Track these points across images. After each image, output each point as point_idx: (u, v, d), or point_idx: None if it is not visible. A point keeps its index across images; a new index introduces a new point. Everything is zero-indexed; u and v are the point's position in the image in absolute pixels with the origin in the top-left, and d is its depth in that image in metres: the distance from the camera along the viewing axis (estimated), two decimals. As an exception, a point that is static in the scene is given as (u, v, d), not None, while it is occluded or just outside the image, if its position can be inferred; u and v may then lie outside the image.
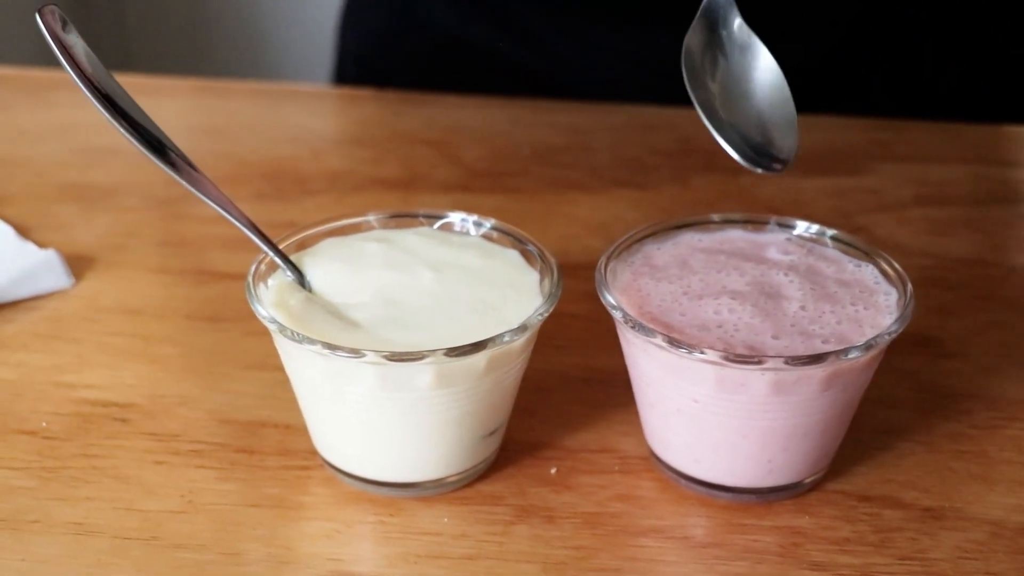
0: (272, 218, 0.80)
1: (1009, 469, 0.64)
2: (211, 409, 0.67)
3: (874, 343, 0.57)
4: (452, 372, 0.58)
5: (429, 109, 0.95)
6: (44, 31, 0.58)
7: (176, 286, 0.76)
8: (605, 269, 0.62)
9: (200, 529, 0.60)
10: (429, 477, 0.61)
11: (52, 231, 0.81)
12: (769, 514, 0.61)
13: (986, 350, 0.71)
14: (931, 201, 0.85)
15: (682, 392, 0.59)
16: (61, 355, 0.70)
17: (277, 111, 0.97)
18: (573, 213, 0.84)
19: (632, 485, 0.62)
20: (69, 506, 0.61)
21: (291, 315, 0.60)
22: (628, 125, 0.94)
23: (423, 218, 0.67)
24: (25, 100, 0.96)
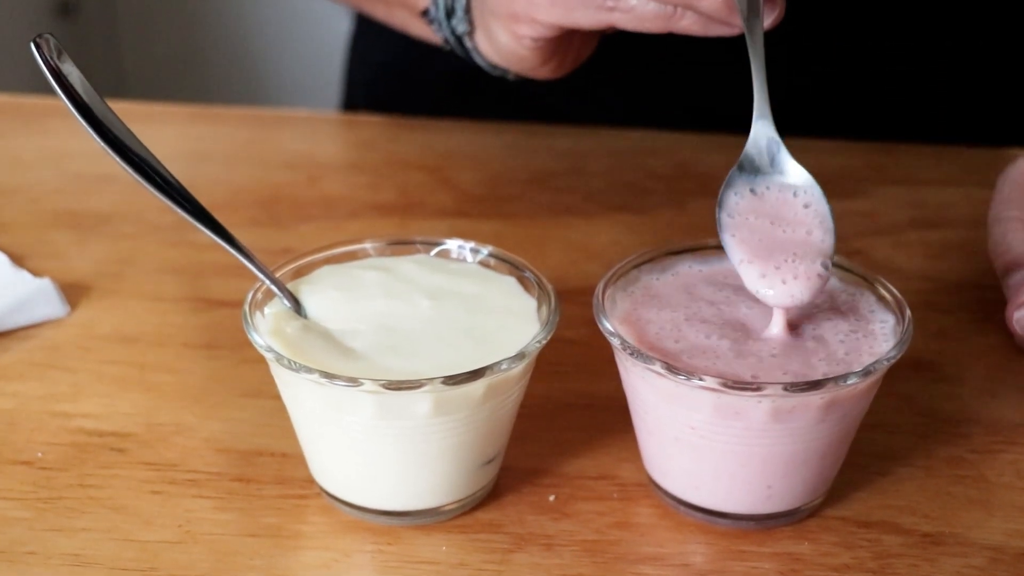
0: (268, 245, 0.80)
1: (1008, 494, 0.63)
2: (208, 438, 0.66)
3: (872, 369, 0.57)
4: (450, 400, 0.57)
5: (425, 134, 0.95)
6: (39, 60, 0.58)
7: (172, 314, 0.76)
8: (603, 296, 0.62)
9: (198, 559, 0.59)
10: (427, 505, 0.61)
11: (47, 259, 0.81)
12: (768, 540, 0.61)
13: (984, 374, 0.71)
14: (928, 224, 0.85)
15: (680, 419, 0.59)
16: (57, 384, 0.70)
17: (272, 137, 0.97)
18: (570, 238, 0.84)
19: (631, 512, 0.62)
20: (65, 537, 0.60)
21: (288, 343, 0.59)
22: (624, 150, 0.94)
23: (420, 245, 0.67)
24: (20, 128, 0.96)
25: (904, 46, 0.96)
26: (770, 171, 0.62)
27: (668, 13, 0.65)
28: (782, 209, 0.61)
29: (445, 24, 0.76)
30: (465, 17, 0.74)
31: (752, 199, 0.61)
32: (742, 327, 0.61)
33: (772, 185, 0.62)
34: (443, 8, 0.75)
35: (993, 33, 0.97)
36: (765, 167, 0.62)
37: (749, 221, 0.61)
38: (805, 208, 0.61)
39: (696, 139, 0.95)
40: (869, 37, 0.96)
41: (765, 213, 0.61)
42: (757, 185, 0.62)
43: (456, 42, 0.76)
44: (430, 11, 0.77)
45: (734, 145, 0.92)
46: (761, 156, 0.62)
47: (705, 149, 0.94)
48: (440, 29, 0.77)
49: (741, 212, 0.61)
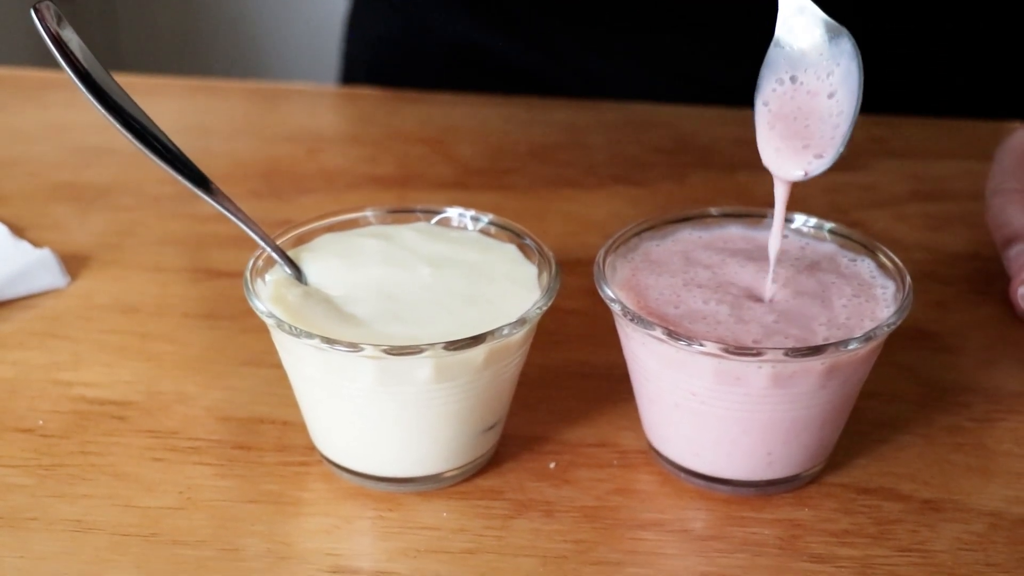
0: (268, 216, 0.80)
1: (1007, 461, 0.64)
2: (209, 406, 0.67)
3: (873, 335, 0.57)
4: (451, 366, 0.58)
5: (424, 107, 0.95)
6: (39, 27, 0.58)
7: (172, 284, 0.76)
8: (603, 263, 0.62)
9: (199, 525, 0.59)
10: (428, 472, 0.61)
11: (47, 230, 0.81)
12: (768, 507, 0.61)
13: (984, 344, 0.72)
14: (928, 197, 0.86)
15: (681, 385, 0.59)
16: (58, 353, 0.70)
17: (272, 110, 0.97)
18: (570, 210, 0.84)
19: (631, 479, 0.62)
20: (67, 503, 0.60)
21: (289, 310, 0.60)
22: (624, 123, 0.94)
23: (420, 213, 0.67)
24: (20, 100, 0.96)
25: (905, 21, 0.96)
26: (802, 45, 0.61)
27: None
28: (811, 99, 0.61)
29: None
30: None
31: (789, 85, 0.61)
32: (738, 289, 0.61)
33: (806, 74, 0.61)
34: None
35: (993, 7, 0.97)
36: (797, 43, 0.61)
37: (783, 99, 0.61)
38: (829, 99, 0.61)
39: (696, 112, 0.95)
40: (870, 12, 0.96)
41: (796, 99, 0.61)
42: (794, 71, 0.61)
43: None
44: None
45: (734, 118, 0.93)
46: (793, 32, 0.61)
47: (705, 122, 0.94)
48: None
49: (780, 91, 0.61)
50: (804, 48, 0.60)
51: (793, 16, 0.61)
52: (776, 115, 0.60)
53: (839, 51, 0.59)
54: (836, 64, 0.59)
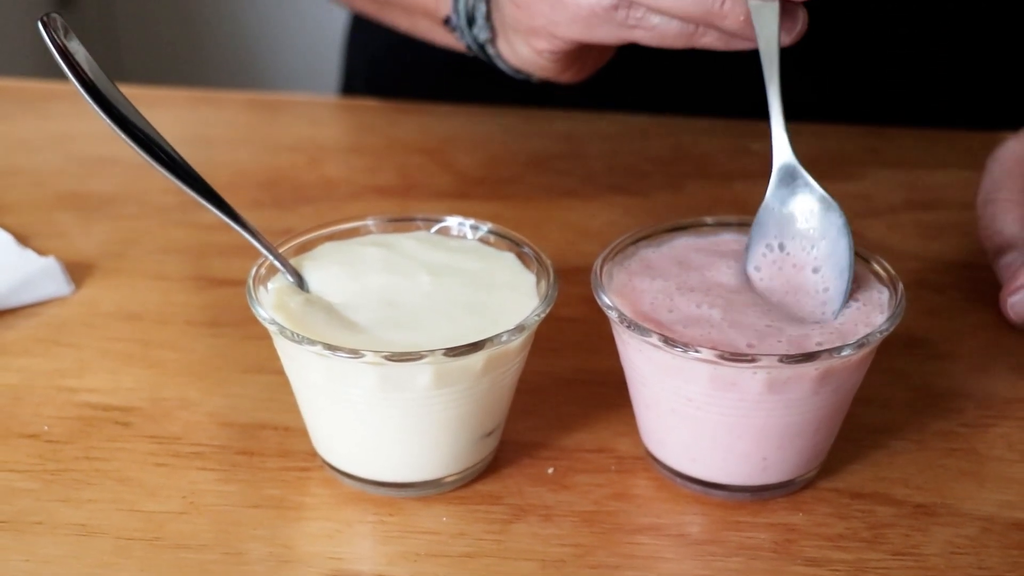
0: (270, 225, 0.81)
1: (999, 466, 0.64)
2: (211, 412, 0.67)
3: (866, 341, 0.58)
4: (450, 372, 0.58)
5: (424, 118, 0.96)
6: (47, 39, 0.59)
7: (175, 292, 0.77)
8: (601, 271, 0.63)
9: (202, 529, 0.60)
10: (428, 477, 0.62)
11: (51, 239, 0.82)
12: (763, 511, 0.62)
13: (976, 351, 0.72)
14: (921, 206, 0.87)
15: (677, 391, 0.60)
16: (62, 360, 0.71)
17: (273, 120, 0.98)
18: (568, 219, 0.85)
19: (628, 484, 0.63)
20: (72, 507, 0.61)
21: (291, 317, 0.60)
22: (621, 133, 0.95)
23: (421, 222, 0.68)
24: (23, 111, 0.97)
25: (898, 33, 0.97)
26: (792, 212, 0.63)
27: (690, 31, 0.66)
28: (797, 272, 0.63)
29: (467, 32, 0.77)
30: (486, 24, 0.75)
31: (778, 253, 0.63)
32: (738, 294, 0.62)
33: (792, 243, 0.63)
34: (464, 16, 0.76)
35: (986, 20, 0.98)
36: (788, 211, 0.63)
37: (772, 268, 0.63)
38: (814, 273, 0.62)
39: (693, 123, 0.96)
40: (865, 24, 0.97)
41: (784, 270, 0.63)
42: (782, 238, 0.63)
43: (479, 49, 0.77)
44: (451, 19, 0.78)
45: (731, 129, 0.94)
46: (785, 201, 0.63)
47: (702, 132, 0.95)
48: (463, 36, 0.77)
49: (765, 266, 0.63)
50: (792, 214, 0.62)
51: (783, 180, 0.62)
52: (767, 286, 0.62)
53: (828, 224, 0.62)
54: (822, 238, 0.61)
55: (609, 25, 0.67)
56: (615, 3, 0.65)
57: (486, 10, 0.75)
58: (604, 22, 0.67)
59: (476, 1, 0.76)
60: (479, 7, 0.75)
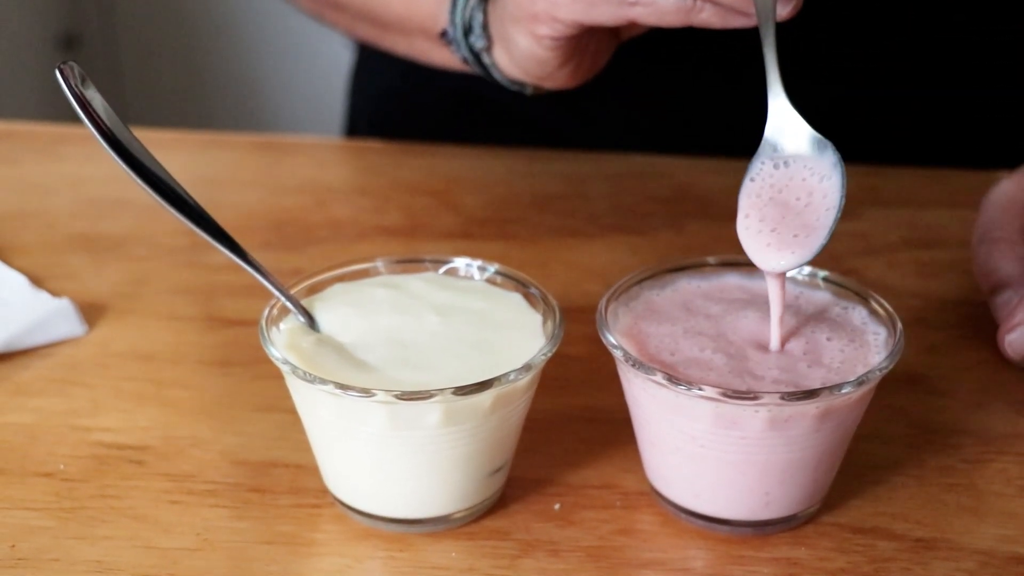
0: (279, 266, 0.82)
1: (998, 501, 0.66)
2: (224, 450, 0.69)
3: (866, 379, 0.60)
4: (459, 410, 0.60)
5: (429, 159, 0.98)
6: (64, 87, 0.60)
7: (187, 332, 0.78)
8: (606, 311, 0.64)
9: (216, 566, 0.61)
10: (437, 513, 0.63)
11: (65, 280, 0.83)
12: (767, 546, 0.63)
13: (974, 387, 0.74)
14: (919, 244, 0.88)
15: (681, 428, 0.61)
16: (76, 399, 0.72)
17: (279, 163, 0.99)
18: (572, 259, 0.86)
19: (633, 519, 0.64)
20: (88, 545, 0.62)
21: (303, 356, 0.62)
22: (623, 173, 0.96)
23: (429, 263, 0.69)
24: (35, 154, 0.99)
25: (896, 73, 0.99)
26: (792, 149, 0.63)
27: (688, 6, 0.66)
28: (798, 185, 0.63)
29: (463, 43, 0.78)
30: (483, 33, 0.76)
31: (774, 172, 0.63)
32: (738, 339, 0.63)
33: (793, 162, 0.63)
34: (460, 27, 0.77)
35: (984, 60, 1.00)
36: (787, 146, 0.63)
37: (767, 190, 0.63)
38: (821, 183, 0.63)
39: (694, 163, 0.97)
40: (863, 63, 0.98)
41: (783, 185, 0.63)
42: (779, 159, 0.64)
43: (475, 60, 0.78)
44: (448, 32, 0.79)
45: (732, 168, 0.95)
46: (783, 136, 0.64)
47: (703, 172, 0.96)
48: (459, 49, 0.78)
49: (763, 179, 0.63)
50: (791, 150, 0.63)
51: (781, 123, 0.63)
52: (761, 197, 0.63)
53: (823, 159, 0.63)
54: (822, 168, 0.62)
55: (609, 3, 0.67)
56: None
57: (483, 19, 0.77)
58: (604, 1, 0.67)
59: (473, 10, 0.77)
60: (476, 16, 0.77)
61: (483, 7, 0.77)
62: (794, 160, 0.63)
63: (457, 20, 0.78)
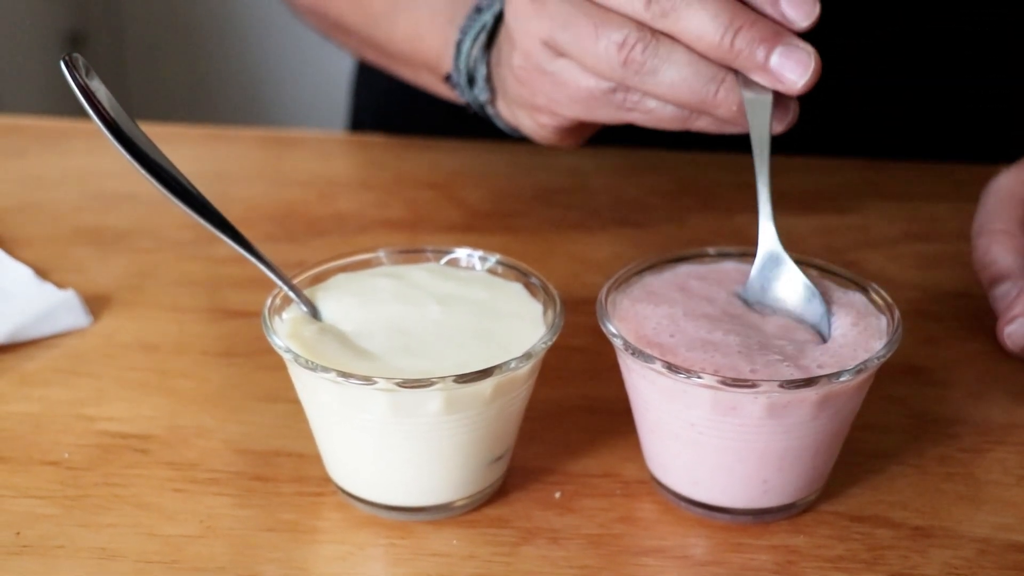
0: (283, 258, 0.82)
1: (996, 489, 0.66)
2: (227, 439, 0.69)
3: (864, 367, 0.60)
4: (460, 398, 0.60)
5: (432, 153, 0.98)
6: (69, 79, 0.61)
7: (191, 323, 0.79)
8: (606, 300, 0.65)
9: (219, 553, 0.62)
10: (438, 501, 0.64)
11: (70, 272, 0.84)
12: (765, 534, 0.63)
13: (973, 378, 0.74)
14: (919, 237, 0.88)
15: (680, 416, 0.62)
16: (81, 389, 0.73)
17: (284, 156, 1.00)
18: (574, 251, 0.87)
19: (633, 507, 0.65)
20: (92, 532, 0.63)
21: (305, 345, 0.62)
22: (625, 167, 0.97)
23: (430, 254, 0.69)
24: (41, 148, 0.99)
25: (896, 67, 0.99)
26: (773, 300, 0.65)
27: (684, 116, 0.68)
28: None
29: (467, 90, 0.79)
30: (486, 86, 0.77)
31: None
32: (739, 320, 0.64)
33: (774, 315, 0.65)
34: (464, 76, 0.78)
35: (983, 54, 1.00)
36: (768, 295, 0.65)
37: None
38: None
39: (696, 157, 0.97)
40: (863, 57, 0.99)
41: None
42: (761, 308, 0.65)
43: (479, 107, 0.80)
44: (452, 77, 0.80)
45: (733, 163, 0.96)
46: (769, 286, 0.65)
47: (705, 167, 0.97)
48: (463, 94, 0.80)
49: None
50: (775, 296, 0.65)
51: (767, 266, 0.66)
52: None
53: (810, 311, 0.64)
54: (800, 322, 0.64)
55: (607, 107, 0.69)
56: (612, 87, 0.68)
57: (486, 72, 0.77)
58: (603, 104, 0.69)
59: (476, 63, 0.78)
60: (479, 69, 0.78)
61: (486, 60, 0.77)
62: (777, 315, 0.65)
63: (461, 67, 0.79)
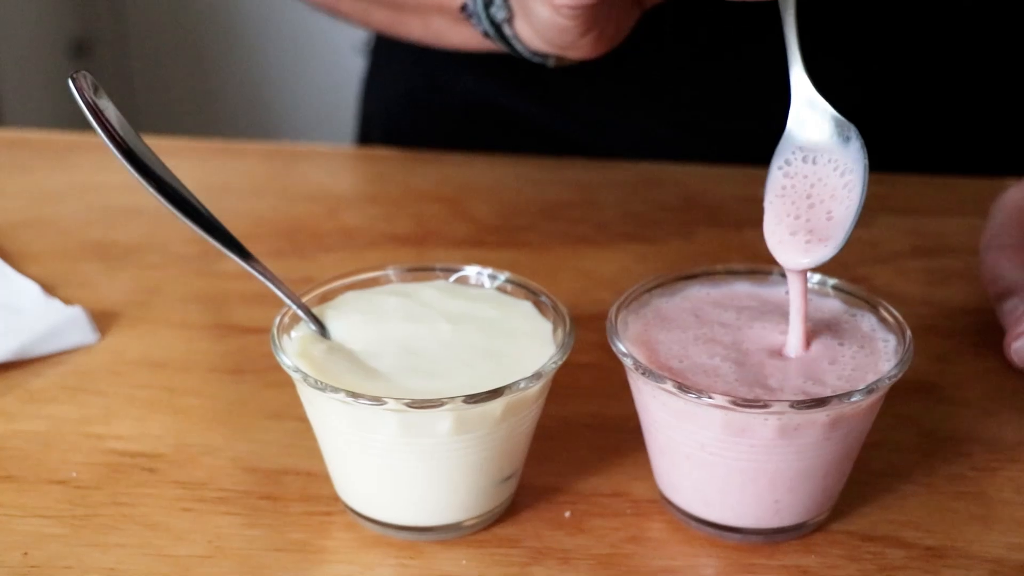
0: (290, 274, 0.82)
1: (1008, 509, 0.66)
2: (235, 458, 0.69)
3: (875, 387, 0.60)
4: (470, 418, 0.60)
5: (440, 167, 0.98)
6: (77, 97, 0.61)
7: (198, 340, 0.79)
8: (616, 319, 0.64)
9: (228, 573, 0.62)
10: (448, 521, 0.63)
11: (77, 288, 0.83)
12: (776, 554, 0.63)
13: (984, 395, 0.74)
14: (928, 252, 0.88)
15: (691, 436, 0.61)
16: (89, 407, 0.73)
17: (291, 171, 1.00)
18: (582, 267, 0.87)
19: (644, 527, 0.65)
20: (101, 552, 0.63)
21: (314, 365, 0.62)
22: (633, 181, 0.97)
23: (439, 272, 0.69)
24: (48, 162, 0.99)
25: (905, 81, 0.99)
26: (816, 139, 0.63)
27: None
28: (822, 180, 0.63)
29: (484, 15, 0.76)
30: (504, 4, 0.75)
31: (799, 166, 0.63)
32: (750, 346, 0.63)
33: (818, 157, 0.63)
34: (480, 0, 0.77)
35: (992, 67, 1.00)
36: (811, 136, 0.63)
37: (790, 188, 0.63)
38: (843, 177, 0.63)
39: (704, 171, 0.97)
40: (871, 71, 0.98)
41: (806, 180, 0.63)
42: (802, 154, 0.63)
43: (496, 32, 0.77)
44: (468, 5, 0.77)
45: (742, 177, 0.96)
46: (805, 127, 0.64)
47: (713, 180, 0.96)
48: (479, 22, 0.77)
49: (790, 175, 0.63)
50: (815, 141, 0.63)
51: (803, 109, 0.63)
52: (786, 191, 0.63)
53: (848, 150, 0.62)
54: (846, 161, 0.62)
55: None
56: None
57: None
58: None
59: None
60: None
61: None
62: (818, 155, 0.63)
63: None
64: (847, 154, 0.63)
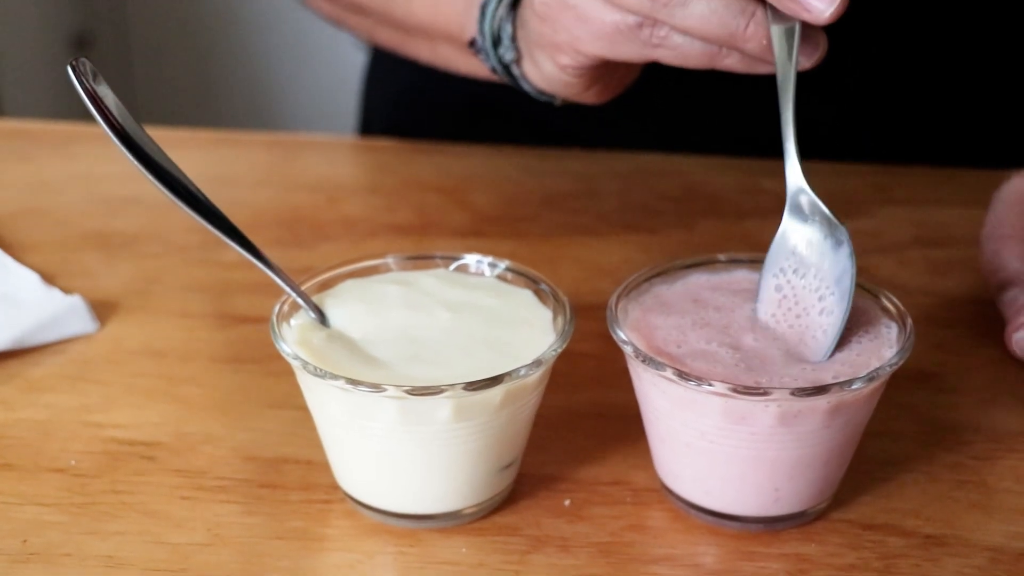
0: (290, 263, 0.81)
1: (1008, 498, 0.66)
2: (235, 446, 0.69)
3: (876, 375, 0.60)
4: (470, 406, 0.60)
5: (440, 158, 0.98)
6: (76, 84, 0.60)
7: (198, 329, 0.79)
8: (616, 307, 0.64)
9: (227, 561, 0.62)
10: (447, 509, 0.63)
11: (77, 278, 0.83)
12: (776, 542, 0.63)
13: (984, 384, 0.74)
14: (930, 243, 0.88)
15: (691, 424, 0.61)
16: (88, 396, 0.73)
17: (292, 161, 1.00)
18: (583, 257, 0.86)
19: (644, 516, 0.65)
20: (100, 539, 0.63)
21: (314, 352, 0.62)
22: (634, 172, 0.96)
23: (439, 260, 0.69)
24: (48, 152, 0.99)
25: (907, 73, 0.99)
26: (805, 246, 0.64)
27: (713, 52, 0.66)
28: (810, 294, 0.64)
29: (492, 54, 0.77)
30: (512, 45, 0.75)
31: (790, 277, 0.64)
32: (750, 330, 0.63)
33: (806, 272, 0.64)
34: (489, 38, 0.76)
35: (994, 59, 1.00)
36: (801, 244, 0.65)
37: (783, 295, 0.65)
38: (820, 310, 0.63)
39: (705, 161, 0.97)
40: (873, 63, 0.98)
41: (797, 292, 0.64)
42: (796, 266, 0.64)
43: (504, 70, 0.77)
44: (477, 41, 0.78)
45: (742, 167, 0.96)
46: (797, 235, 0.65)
47: (714, 171, 0.96)
48: (488, 59, 0.78)
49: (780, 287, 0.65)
50: (805, 254, 0.64)
51: (796, 208, 0.64)
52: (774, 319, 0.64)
53: (837, 257, 0.63)
54: (830, 279, 0.63)
55: (633, 43, 0.67)
56: (639, 21, 0.66)
57: (512, 31, 0.76)
58: (628, 40, 0.67)
59: (503, 22, 0.76)
60: (505, 28, 0.76)
61: (512, 17, 0.76)
62: (807, 270, 0.64)
63: (486, 29, 0.77)
64: (836, 263, 0.63)
